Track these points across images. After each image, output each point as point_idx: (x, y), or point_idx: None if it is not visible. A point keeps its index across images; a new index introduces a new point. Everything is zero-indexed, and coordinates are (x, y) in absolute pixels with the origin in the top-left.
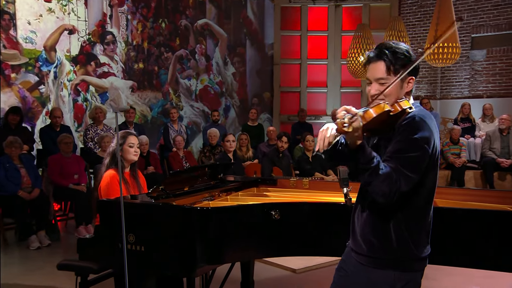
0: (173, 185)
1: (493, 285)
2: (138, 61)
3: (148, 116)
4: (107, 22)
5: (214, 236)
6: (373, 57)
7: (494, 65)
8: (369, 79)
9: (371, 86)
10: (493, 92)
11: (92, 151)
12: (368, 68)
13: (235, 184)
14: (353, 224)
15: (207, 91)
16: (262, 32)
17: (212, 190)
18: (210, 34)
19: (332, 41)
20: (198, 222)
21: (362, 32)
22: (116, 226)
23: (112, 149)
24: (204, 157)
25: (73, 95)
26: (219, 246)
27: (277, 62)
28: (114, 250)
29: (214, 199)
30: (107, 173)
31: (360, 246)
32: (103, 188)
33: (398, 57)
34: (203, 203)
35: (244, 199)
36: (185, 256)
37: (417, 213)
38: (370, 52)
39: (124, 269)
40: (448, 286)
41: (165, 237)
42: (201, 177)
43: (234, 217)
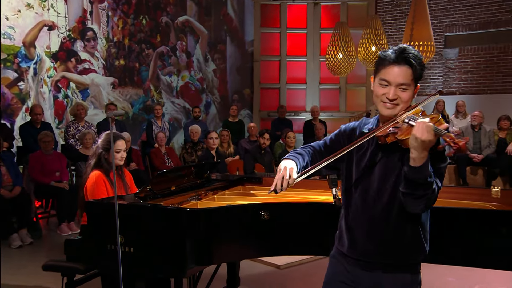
0: (160, 184)
1: (467, 277)
2: (119, 57)
3: (130, 112)
4: (88, 19)
5: (204, 237)
6: (398, 60)
7: (466, 63)
8: (387, 81)
9: (387, 88)
10: (465, 89)
11: (74, 148)
12: (388, 70)
13: (221, 183)
14: (354, 232)
15: (188, 87)
16: (242, 29)
17: (198, 190)
18: (190, 31)
19: (311, 39)
20: (187, 223)
21: (340, 30)
22: (104, 227)
23: (98, 151)
24: (186, 153)
25: (54, 91)
26: (208, 247)
27: (257, 59)
28: (103, 251)
29: (201, 198)
30: (92, 174)
31: (383, 254)
32: (89, 188)
33: (422, 66)
34: (190, 203)
35: (231, 198)
36: (175, 257)
37: (427, 213)
38: (392, 53)
39: (119, 271)
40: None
41: (154, 239)
42: (187, 176)
43: (224, 218)
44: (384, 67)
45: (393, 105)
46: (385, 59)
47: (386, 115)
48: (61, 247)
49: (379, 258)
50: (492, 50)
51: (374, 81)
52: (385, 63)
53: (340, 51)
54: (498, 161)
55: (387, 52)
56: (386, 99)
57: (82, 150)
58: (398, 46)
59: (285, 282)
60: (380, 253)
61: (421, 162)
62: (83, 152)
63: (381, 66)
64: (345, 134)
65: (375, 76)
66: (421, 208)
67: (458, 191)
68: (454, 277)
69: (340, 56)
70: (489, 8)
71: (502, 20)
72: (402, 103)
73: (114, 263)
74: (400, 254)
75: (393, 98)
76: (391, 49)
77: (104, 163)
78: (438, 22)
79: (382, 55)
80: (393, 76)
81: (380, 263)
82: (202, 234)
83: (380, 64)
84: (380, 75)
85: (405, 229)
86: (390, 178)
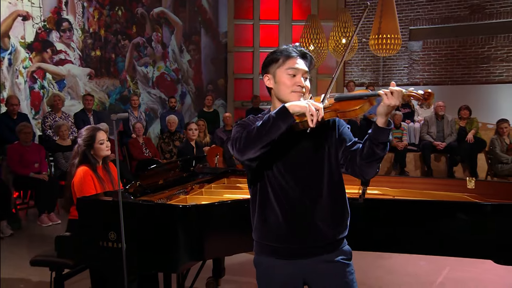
0: (148, 179)
1: (438, 260)
2: (95, 48)
3: (106, 103)
4: (63, 9)
5: (196, 233)
6: (298, 53)
7: (429, 56)
8: (295, 69)
9: (296, 77)
10: (428, 80)
11: (51, 138)
12: (293, 60)
13: (207, 177)
14: (308, 221)
15: (164, 78)
16: (216, 20)
17: (185, 183)
18: (166, 22)
19: (283, 30)
20: (179, 219)
21: (312, 22)
22: (96, 224)
23: (81, 150)
24: (163, 143)
25: (30, 82)
26: (201, 243)
27: (230, 50)
28: (95, 247)
29: (189, 192)
30: (80, 169)
31: (332, 236)
32: (77, 184)
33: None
34: (180, 197)
35: (219, 192)
36: (167, 253)
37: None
38: (290, 48)
39: (123, 269)
40: (399, 262)
41: (147, 235)
42: (173, 169)
43: (216, 214)
44: (290, 59)
45: (302, 93)
46: (288, 52)
47: None
48: (42, 237)
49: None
50: (453, 43)
51: (276, 76)
52: (290, 56)
53: (312, 43)
54: (459, 148)
55: (287, 48)
56: (297, 87)
57: (59, 141)
58: (289, 45)
59: None
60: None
61: (386, 124)
62: (60, 143)
63: (285, 58)
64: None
65: (275, 70)
66: (377, 170)
67: (436, 182)
68: (425, 261)
69: (311, 47)
70: (449, 4)
71: (461, 15)
72: (307, 92)
73: (105, 259)
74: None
75: (304, 85)
76: (286, 46)
77: (91, 158)
78: (403, 16)
79: (282, 49)
80: (300, 65)
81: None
82: (194, 230)
83: (284, 57)
84: (286, 65)
85: (344, 203)
86: (322, 158)
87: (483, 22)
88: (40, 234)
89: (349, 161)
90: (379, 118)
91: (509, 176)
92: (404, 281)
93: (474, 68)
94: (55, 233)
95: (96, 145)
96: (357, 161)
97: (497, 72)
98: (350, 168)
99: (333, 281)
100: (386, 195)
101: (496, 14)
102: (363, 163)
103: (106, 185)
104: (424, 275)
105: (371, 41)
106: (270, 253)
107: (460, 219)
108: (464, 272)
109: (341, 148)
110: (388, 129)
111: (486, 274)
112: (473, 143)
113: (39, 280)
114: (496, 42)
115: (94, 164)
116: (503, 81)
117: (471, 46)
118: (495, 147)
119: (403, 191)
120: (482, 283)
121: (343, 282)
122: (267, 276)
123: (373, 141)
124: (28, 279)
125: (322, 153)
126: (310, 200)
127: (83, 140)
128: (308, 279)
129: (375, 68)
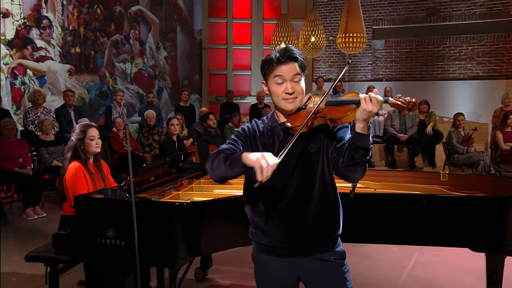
0: (141, 176)
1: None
2: (75, 45)
3: (86, 98)
4: (43, 7)
5: (194, 229)
6: (283, 59)
7: (391, 53)
8: (281, 77)
9: (284, 84)
10: (390, 76)
11: (33, 134)
12: (278, 69)
13: (194, 172)
14: (296, 220)
15: (141, 74)
16: (191, 19)
17: (176, 180)
18: (143, 20)
19: (255, 28)
20: (177, 216)
21: (283, 21)
22: (94, 222)
23: (72, 144)
24: (142, 137)
25: (10, 78)
26: (198, 239)
27: (205, 46)
28: (93, 245)
29: (179, 188)
30: (72, 165)
31: (325, 235)
32: (69, 180)
33: (304, 59)
34: (172, 193)
35: (208, 187)
36: (166, 249)
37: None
38: (276, 55)
39: (136, 264)
40: (373, 249)
41: (145, 232)
42: (163, 166)
43: (213, 210)
44: (274, 68)
45: (293, 98)
46: (271, 61)
47: (291, 109)
48: (28, 231)
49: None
50: (412, 42)
51: (268, 84)
52: (273, 65)
53: (283, 41)
54: (419, 140)
55: (272, 56)
56: (286, 94)
57: (42, 136)
58: (279, 48)
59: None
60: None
61: (366, 130)
62: (43, 138)
63: (270, 68)
64: (249, 134)
65: (267, 79)
66: (362, 174)
67: (414, 175)
68: (397, 247)
69: (283, 45)
70: (408, 6)
71: (419, 17)
72: (299, 95)
73: (103, 256)
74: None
75: (292, 91)
76: (274, 53)
77: (81, 153)
78: (367, 16)
79: (267, 59)
80: (285, 71)
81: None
82: (192, 226)
83: (268, 67)
84: (273, 74)
85: (335, 204)
86: (315, 159)
87: (438, 23)
88: (27, 227)
89: (334, 162)
90: (357, 123)
91: (465, 166)
92: (380, 266)
93: (431, 66)
94: (41, 226)
95: (86, 140)
96: (339, 164)
97: (450, 69)
98: (335, 169)
99: (327, 279)
100: (368, 188)
101: (449, 17)
102: (343, 166)
103: (97, 182)
104: (398, 260)
105: (338, 39)
106: (266, 251)
107: (439, 210)
108: (431, 256)
109: (331, 149)
110: (366, 135)
111: (452, 257)
112: (432, 135)
113: (31, 273)
114: (450, 42)
115: (84, 160)
116: (456, 78)
117: (428, 45)
118: (452, 139)
119: (384, 184)
120: (448, 265)
121: (337, 280)
122: (263, 271)
123: (351, 145)
124: (20, 273)
125: (315, 154)
126: (304, 201)
127: (75, 134)
128: (303, 276)
129: (341, 65)
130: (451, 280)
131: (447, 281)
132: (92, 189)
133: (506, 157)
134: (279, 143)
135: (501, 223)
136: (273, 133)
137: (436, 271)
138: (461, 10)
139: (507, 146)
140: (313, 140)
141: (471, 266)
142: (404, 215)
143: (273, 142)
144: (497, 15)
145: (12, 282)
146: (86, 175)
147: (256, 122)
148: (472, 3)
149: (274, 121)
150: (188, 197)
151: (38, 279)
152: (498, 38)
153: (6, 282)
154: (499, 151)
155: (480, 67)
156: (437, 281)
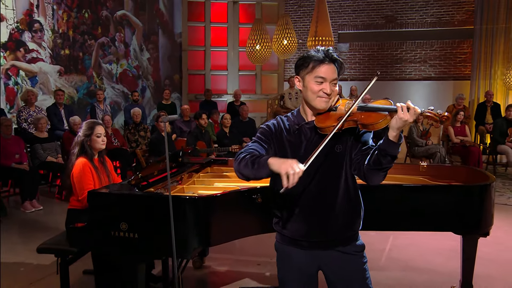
0: (146, 171)
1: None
2: (64, 47)
3: (75, 97)
4: (34, 11)
5: (204, 222)
6: (327, 59)
7: (355, 56)
8: (323, 78)
9: (323, 84)
10: (354, 76)
11: (27, 131)
12: (321, 68)
13: (195, 167)
14: (323, 215)
15: (126, 74)
16: (172, 22)
17: (177, 174)
18: (127, 24)
19: (231, 32)
20: (188, 209)
21: (258, 25)
22: (108, 216)
23: (80, 139)
24: (129, 133)
25: (4, 79)
26: (208, 230)
27: (185, 48)
28: (108, 238)
29: (180, 182)
30: (79, 161)
31: (347, 231)
32: (76, 175)
33: (342, 63)
34: (176, 187)
35: (209, 181)
36: (178, 241)
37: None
38: (320, 53)
39: (173, 256)
40: None
41: (157, 225)
42: (163, 161)
43: (221, 203)
44: (316, 67)
45: (328, 98)
46: (315, 59)
47: (323, 107)
48: (28, 223)
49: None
50: (373, 46)
51: (305, 80)
52: (316, 63)
53: (258, 43)
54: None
55: (316, 54)
56: (324, 93)
57: (37, 133)
58: (320, 48)
59: (250, 247)
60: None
61: (397, 139)
62: (38, 135)
63: (312, 66)
64: (276, 132)
65: (305, 75)
66: (383, 178)
67: (396, 167)
68: (374, 232)
69: (258, 47)
70: (369, 13)
71: (379, 23)
72: (333, 96)
73: (117, 248)
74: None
75: (330, 92)
76: (315, 51)
77: (88, 149)
78: (333, 22)
79: (309, 55)
80: (327, 73)
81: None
82: (202, 219)
83: (309, 64)
84: (315, 73)
85: (356, 201)
86: (341, 159)
87: (395, 30)
88: (26, 220)
89: (358, 163)
90: (391, 131)
91: (423, 157)
92: None
93: (391, 67)
94: (39, 218)
95: (93, 137)
96: (364, 166)
97: (407, 71)
98: (357, 170)
99: (347, 269)
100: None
101: (405, 24)
102: (368, 169)
103: (102, 177)
104: (376, 243)
105: (308, 42)
106: (290, 243)
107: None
108: (404, 239)
109: (355, 151)
110: (398, 144)
111: (421, 239)
112: None
113: (37, 263)
114: (406, 47)
115: (90, 155)
116: (412, 79)
117: (388, 49)
118: (413, 133)
119: None
120: (419, 247)
121: (356, 270)
122: (285, 261)
123: (381, 151)
124: (27, 263)
125: (340, 154)
126: (329, 199)
127: (83, 131)
128: (324, 266)
129: None
130: (424, 259)
131: (421, 260)
132: (98, 184)
133: (457, 149)
134: (306, 142)
135: (478, 209)
136: (300, 132)
137: (410, 252)
138: (415, 19)
139: (457, 139)
140: (340, 141)
141: (440, 247)
142: (396, 203)
143: (300, 141)
144: (445, 24)
145: (21, 271)
146: (93, 171)
147: (282, 119)
148: (424, 12)
149: (301, 119)
150: (192, 190)
151: (45, 269)
152: (446, 44)
153: (15, 271)
154: (450, 143)
155: (432, 69)
156: (412, 261)
